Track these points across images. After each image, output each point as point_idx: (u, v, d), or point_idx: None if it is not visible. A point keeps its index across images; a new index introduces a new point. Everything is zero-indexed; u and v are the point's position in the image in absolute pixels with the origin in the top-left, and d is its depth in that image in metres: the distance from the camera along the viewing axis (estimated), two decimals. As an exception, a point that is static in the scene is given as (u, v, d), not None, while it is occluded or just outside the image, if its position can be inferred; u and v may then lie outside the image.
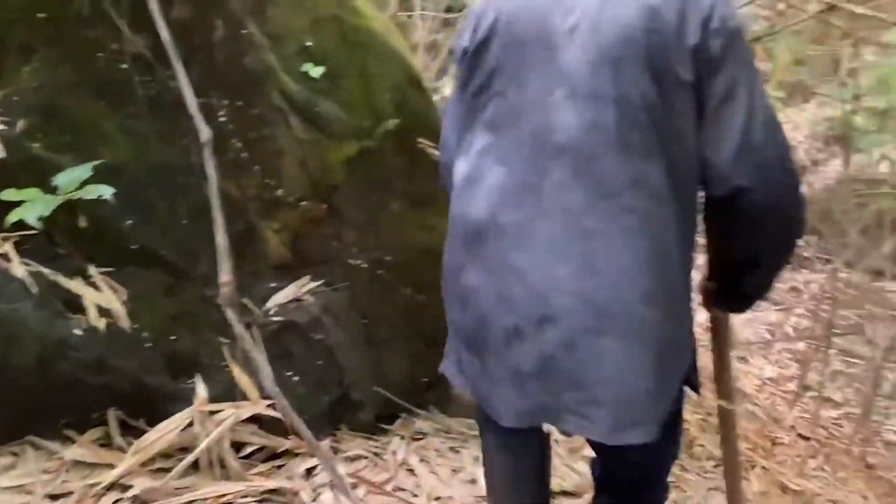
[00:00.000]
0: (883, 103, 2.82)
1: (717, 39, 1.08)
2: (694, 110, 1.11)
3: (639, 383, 1.14)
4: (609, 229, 1.12)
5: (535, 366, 1.18)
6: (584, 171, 1.12)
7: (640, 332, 1.13)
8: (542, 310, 1.16)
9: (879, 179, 4.14)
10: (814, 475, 2.99)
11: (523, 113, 1.18)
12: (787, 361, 5.00)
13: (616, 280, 1.12)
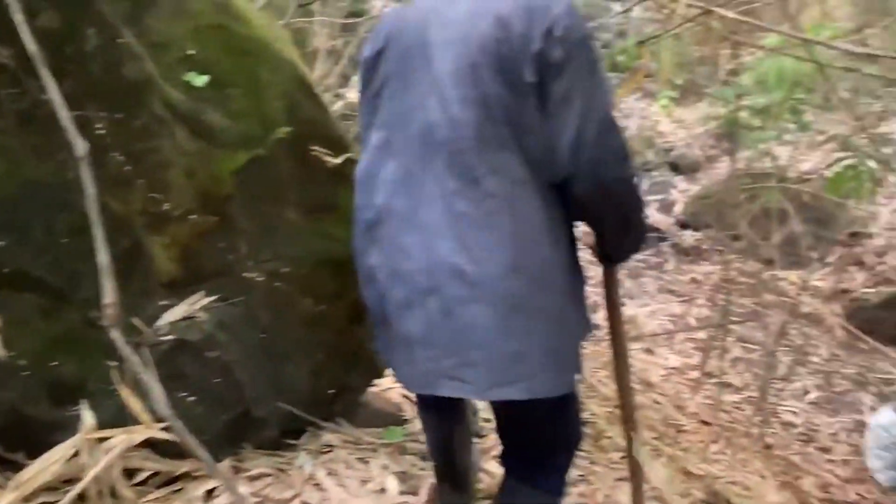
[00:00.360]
0: (763, 101, 2.96)
1: (558, 48, 1.25)
2: (539, 110, 1.29)
3: (507, 346, 1.31)
4: (476, 211, 1.31)
5: (421, 332, 1.37)
6: (455, 162, 1.32)
7: (505, 300, 1.30)
8: (426, 282, 1.35)
9: (766, 173, 4.38)
10: (715, 459, 3.12)
11: (409, 113, 1.39)
12: (690, 351, 5.20)
13: (482, 255, 1.30)
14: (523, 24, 1.26)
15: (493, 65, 1.29)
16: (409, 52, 1.39)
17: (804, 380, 4.98)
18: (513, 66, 1.27)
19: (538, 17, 1.26)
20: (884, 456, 4.10)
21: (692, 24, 2.27)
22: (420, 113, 1.37)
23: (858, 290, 5.54)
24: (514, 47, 1.27)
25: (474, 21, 1.31)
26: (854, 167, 2.68)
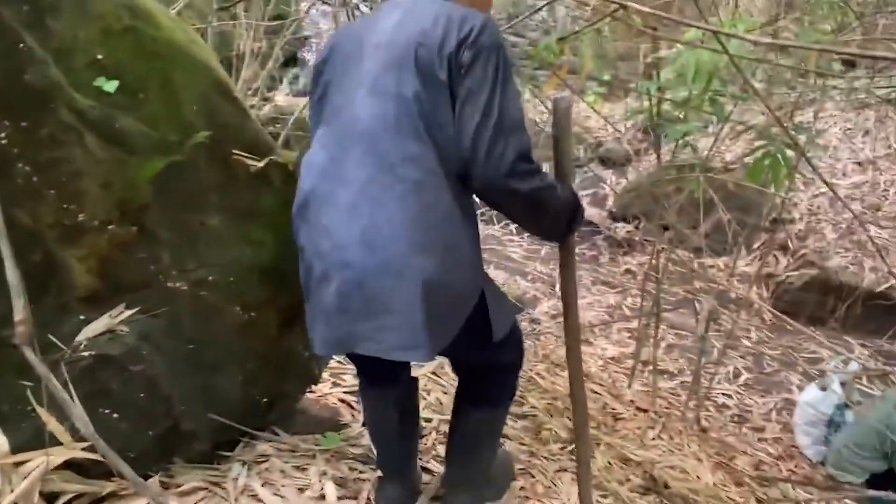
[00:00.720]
0: (683, 94, 3.04)
1: (469, 51, 1.44)
2: (450, 106, 1.46)
3: (412, 315, 1.46)
4: (388, 195, 1.47)
5: (336, 302, 1.53)
6: (372, 150, 1.49)
7: (412, 275, 1.45)
8: (342, 257, 1.51)
9: (691, 164, 4.50)
10: (653, 444, 3.19)
11: (341, 109, 1.57)
12: (626, 340, 5.32)
13: (392, 234, 1.46)
14: (442, 31, 1.46)
15: (413, 65, 1.47)
16: (347, 58, 1.60)
17: (735, 363, 5.16)
18: (430, 66, 1.45)
19: (455, 26, 1.46)
20: (811, 432, 4.27)
21: (610, 20, 2.31)
22: (348, 107, 1.55)
23: (782, 273, 5.76)
24: (431, 50, 1.45)
25: (401, 29, 1.52)
26: (771, 155, 2.77)
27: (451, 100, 1.46)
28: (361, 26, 1.65)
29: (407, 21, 1.52)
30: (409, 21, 1.52)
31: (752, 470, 3.45)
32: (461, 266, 1.52)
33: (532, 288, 6.07)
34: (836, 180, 6.03)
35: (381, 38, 1.54)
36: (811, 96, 3.58)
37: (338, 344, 1.59)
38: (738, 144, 6.15)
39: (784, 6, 3.64)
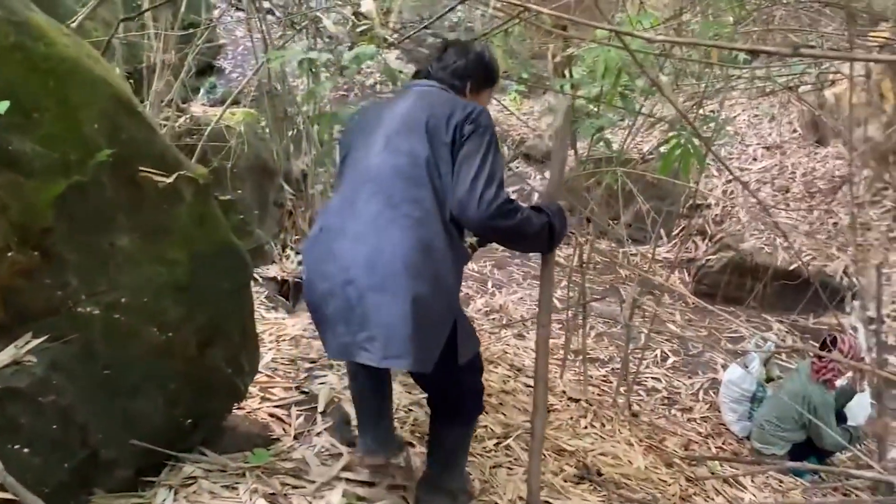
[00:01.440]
0: (596, 90, 3.11)
1: (469, 126, 1.86)
2: (451, 163, 1.85)
3: (400, 328, 1.73)
4: (392, 227, 1.78)
5: (339, 315, 1.82)
6: (381, 191, 1.83)
7: (404, 294, 1.73)
8: (346, 276, 1.79)
9: (608, 157, 4.62)
10: (586, 433, 3.26)
11: (358, 163, 1.94)
12: (558, 332, 5.41)
13: (392, 258, 1.75)
14: (450, 109, 1.90)
15: (424, 131, 1.87)
16: (367, 127, 2.00)
17: (662, 346, 5.33)
18: (437, 132, 1.86)
19: (460, 107, 1.91)
20: (737, 409, 4.45)
21: (518, 22, 2.35)
22: (364, 161, 1.92)
23: (702, 257, 5.98)
24: (440, 121, 1.87)
25: (416, 106, 1.96)
26: (680, 146, 2.87)
27: (451, 159, 1.85)
28: (382, 106, 2.07)
29: (421, 102, 1.97)
30: (422, 102, 1.97)
31: (682, 450, 3.56)
32: (445, 293, 1.82)
33: (464, 286, 6.12)
34: (747, 165, 6.30)
35: (397, 112, 1.97)
36: (718, 86, 3.71)
37: (341, 352, 1.87)
38: (654, 135, 6.34)
39: (688, 1, 3.77)
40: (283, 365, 3.11)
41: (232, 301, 2.09)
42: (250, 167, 4.90)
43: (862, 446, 4.26)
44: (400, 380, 3.01)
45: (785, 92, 4.87)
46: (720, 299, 5.91)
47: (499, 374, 3.59)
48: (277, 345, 3.42)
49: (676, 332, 5.46)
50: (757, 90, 6.19)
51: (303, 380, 2.97)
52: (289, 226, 5.17)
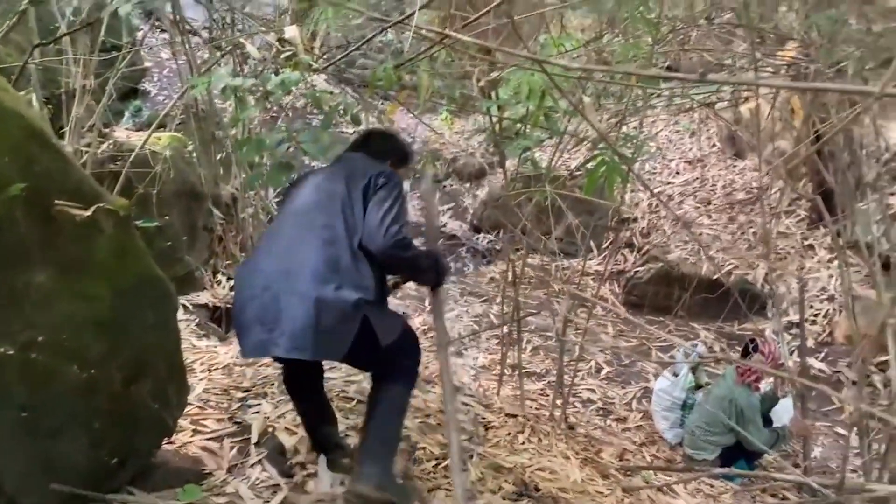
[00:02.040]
0: (521, 111, 3.17)
1: (382, 178, 2.32)
2: (362, 203, 2.27)
3: (305, 325, 2.04)
4: (307, 246, 2.17)
5: (257, 315, 2.12)
6: (304, 219, 2.27)
7: (310, 297, 2.06)
8: (265, 283, 2.14)
9: (536, 175, 4.71)
10: (523, 449, 3.29)
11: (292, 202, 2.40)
12: (495, 347, 5.46)
13: (302, 268, 2.12)
14: (371, 166, 2.41)
15: (342, 176, 2.34)
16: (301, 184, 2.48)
17: (596, 357, 5.44)
18: (356, 180, 2.32)
19: (378, 166, 2.42)
20: (668, 416, 4.58)
21: (442, 47, 2.39)
22: (296, 200, 2.38)
23: (631, 269, 6.15)
24: (359, 172, 2.35)
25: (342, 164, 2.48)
26: (604, 164, 2.95)
27: (363, 201, 2.27)
28: (313, 171, 2.59)
29: (348, 164, 2.47)
30: (348, 162, 2.50)
31: (617, 461, 3.64)
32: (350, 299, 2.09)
33: (402, 306, 6.11)
34: (671, 179, 6.52)
35: (327, 170, 2.47)
36: (638, 105, 3.84)
37: (256, 349, 2.15)
38: (582, 152, 6.51)
39: (607, 23, 3.89)
40: (215, 395, 3.05)
41: (157, 334, 2.04)
42: (178, 192, 4.80)
43: (788, 446, 4.44)
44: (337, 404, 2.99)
45: (702, 109, 5.09)
46: (649, 309, 6.08)
47: (437, 394, 3.59)
48: (209, 374, 3.35)
49: (609, 343, 5.59)
50: (677, 107, 6.43)
51: (236, 410, 2.92)
52: (219, 251, 5.08)
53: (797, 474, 1.62)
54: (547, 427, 3.72)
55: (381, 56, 7.41)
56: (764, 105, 5.14)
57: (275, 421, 2.81)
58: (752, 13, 3.73)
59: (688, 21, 4.15)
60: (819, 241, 5.69)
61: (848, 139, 3.87)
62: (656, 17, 3.57)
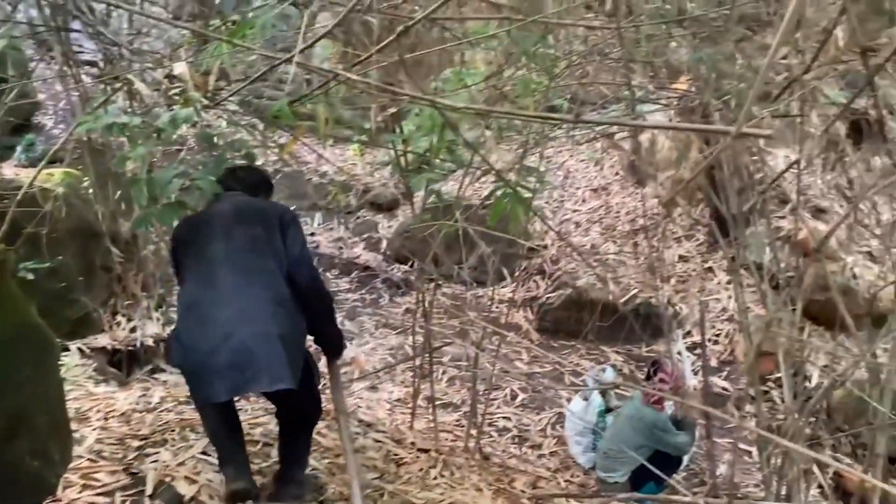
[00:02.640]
0: (424, 144, 3.20)
1: (287, 216, 2.64)
2: (281, 241, 2.53)
3: (278, 360, 2.32)
4: (252, 289, 2.41)
5: (228, 362, 2.29)
6: (236, 265, 2.44)
7: (275, 335, 2.34)
8: (225, 332, 2.32)
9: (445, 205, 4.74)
10: (435, 484, 3.27)
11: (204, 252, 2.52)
12: (410, 379, 5.41)
13: (256, 313, 2.37)
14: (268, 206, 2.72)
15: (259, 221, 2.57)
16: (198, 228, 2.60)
17: (511, 385, 5.48)
18: (268, 220, 2.57)
19: (278, 208, 2.76)
20: (581, 441, 4.65)
21: (337, 84, 2.39)
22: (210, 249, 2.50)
23: (543, 295, 6.26)
24: (269, 214, 2.61)
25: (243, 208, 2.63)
26: (507, 194, 3.01)
27: (281, 238, 2.52)
28: (205, 213, 2.68)
29: (244, 205, 2.65)
30: (246, 204, 2.66)
31: (530, 489, 3.66)
32: (299, 331, 2.50)
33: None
34: (578, 207, 6.71)
35: (224, 211, 2.60)
36: (536, 138, 3.94)
37: (233, 391, 2.37)
38: (491, 183, 6.61)
39: (507, 59, 4.00)
40: (109, 445, 2.90)
41: (37, 386, 1.92)
42: (73, 230, 4.58)
43: (696, 465, 4.58)
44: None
45: (602, 139, 5.28)
46: (563, 334, 6.20)
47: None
48: (105, 422, 3.19)
49: (524, 369, 5.65)
50: (582, 136, 6.64)
51: (132, 460, 2.78)
52: (119, 290, 4.86)
53: (689, 496, 1.67)
54: (461, 459, 3.71)
55: (291, 88, 7.35)
56: (661, 136, 5.38)
57: (174, 469, 2.69)
58: (642, 48, 3.90)
59: (584, 56, 4.30)
60: (718, 263, 5.97)
61: (737, 167, 4.08)
62: (553, 53, 3.70)
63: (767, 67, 1.14)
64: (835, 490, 4.40)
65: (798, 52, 3.15)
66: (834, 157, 4.21)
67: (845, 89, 3.87)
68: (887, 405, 3.19)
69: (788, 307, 4.25)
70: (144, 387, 3.89)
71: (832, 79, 4.12)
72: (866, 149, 3.77)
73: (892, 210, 3.52)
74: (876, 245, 5.33)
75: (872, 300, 4.41)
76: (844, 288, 5.15)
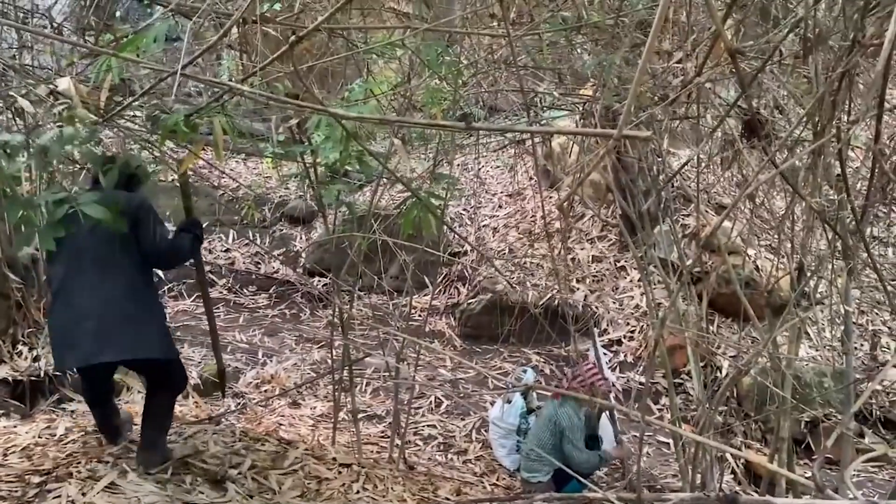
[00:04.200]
0: (334, 155, 3.17)
1: (142, 212, 2.92)
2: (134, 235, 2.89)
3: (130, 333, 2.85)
4: (109, 278, 2.87)
5: (85, 337, 2.79)
6: (95, 259, 2.86)
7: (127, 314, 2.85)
8: (85, 313, 2.81)
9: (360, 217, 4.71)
10: (358, 498, 3.23)
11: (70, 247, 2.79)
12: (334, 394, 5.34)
13: (111, 298, 2.84)
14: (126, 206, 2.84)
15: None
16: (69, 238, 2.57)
17: (435, 392, 5.49)
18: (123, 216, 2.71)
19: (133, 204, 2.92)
20: (505, 444, 4.69)
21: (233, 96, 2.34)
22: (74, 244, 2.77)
23: (464, 301, 6.30)
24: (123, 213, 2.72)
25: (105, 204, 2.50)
26: (417, 204, 3.02)
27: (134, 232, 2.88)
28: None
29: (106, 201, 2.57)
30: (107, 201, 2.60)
31: (454, 496, 3.66)
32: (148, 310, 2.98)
33: (233, 360, 5.83)
34: (495, 212, 6.80)
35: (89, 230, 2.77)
36: (446, 146, 3.97)
37: (86, 359, 2.86)
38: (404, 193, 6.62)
39: (413, 68, 4.02)
40: (7, 483, 2.75)
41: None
42: (-36, 257, 4.32)
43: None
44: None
45: (514, 146, 5.36)
46: (485, 339, 6.25)
47: (266, 452, 3.45)
48: (4, 458, 3.03)
49: (447, 376, 5.67)
50: (497, 143, 6.74)
51: (32, 497, 2.64)
52: (19, 318, 4.60)
53: (600, 492, 1.71)
54: (384, 471, 3.68)
55: (200, 101, 7.17)
56: (571, 141, 5.50)
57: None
58: (546, 56, 3.99)
59: (489, 64, 4.36)
60: (630, 262, 6.15)
61: (642, 169, 4.22)
62: (459, 62, 3.73)
63: (642, 71, 1.18)
64: (746, 474, 4.60)
65: (691, 56, 3.29)
66: (731, 156, 4.41)
67: (738, 91, 4.07)
68: (788, 390, 3.36)
69: (695, 301, 4.43)
70: (49, 419, 3.71)
71: (728, 81, 4.32)
72: (759, 146, 3.97)
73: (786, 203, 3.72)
74: (775, 238, 5.61)
75: (772, 291, 4.64)
76: (748, 280, 5.41)
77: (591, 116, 3.80)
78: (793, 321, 3.00)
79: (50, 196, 2.05)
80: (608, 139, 4.46)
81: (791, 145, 2.84)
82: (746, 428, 5.00)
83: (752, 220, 4.88)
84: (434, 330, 6.45)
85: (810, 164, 2.74)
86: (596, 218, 6.10)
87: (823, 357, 5.15)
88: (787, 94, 3.78)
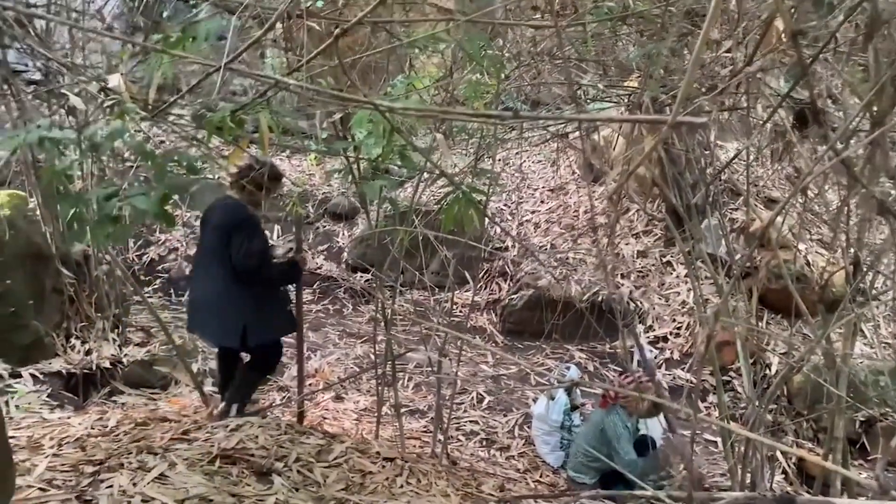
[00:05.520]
0: (377, 151, 3.16)
1: (231, 227, 3.62)
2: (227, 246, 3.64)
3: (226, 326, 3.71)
4: (217, 275, 3.68)
5: (200, 322, 3.87)
6: (208, 261, 3.74)
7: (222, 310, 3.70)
8: (195, 297, 3.92)
9: (402, 212, 4.71)
10: (402, 492, 3.23)
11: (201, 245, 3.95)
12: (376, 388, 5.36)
13: (217, 291, 3.70)
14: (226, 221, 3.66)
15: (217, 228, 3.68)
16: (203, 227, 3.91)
17: (477, 388, 5.47)
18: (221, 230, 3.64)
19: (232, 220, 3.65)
20: (549, 440, 4.65)
21: (277, 91, 2.35)
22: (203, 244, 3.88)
23: (506, 297, 6.26)
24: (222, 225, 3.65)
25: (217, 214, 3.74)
26: (459, 199, 2.99)
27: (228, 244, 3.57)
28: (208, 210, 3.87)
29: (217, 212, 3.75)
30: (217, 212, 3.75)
31: (498, 492, 3.64)
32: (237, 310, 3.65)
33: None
34: (536, 207, 6.73)
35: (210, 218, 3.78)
36: (488, 141, 3.93)
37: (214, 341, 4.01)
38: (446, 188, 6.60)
39: (456, 62, 3.99)
40: (62, 473, 2.81)
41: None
42: (21, 254, 4.45)
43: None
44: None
45: (557, 139, 5.30)
46: (528, 335, 6.21)
47: (311, 445, 3.47)
48: (59, 449, 3.10)
49: (489, 372, 5.64)
50: (539, 137, 6.67)
51: (86, 486, 2.70)
52: (72, 313, 4.73)
53: (650, 491, 1.67)
54: (427, 466, 3.67)
55: (245, 99, 7.26)
56: (615, 133, 5.42)
57: (132, 495, 2.62)
58: (591, 47, 3.93)
59: (533, 57, 4.31)
60: (676, 257, 6.03)
61: (689, 161, 4.13)
62: (501, 55, 3.70)
63: (696, 61, 1.14)
64: (798, 474, 4.47)
65: (741, 45, 3.20)
66: (781, 147, 4.28)
67: (790, 81, 3.94)
68: (843, 388, 3.25)
69: (745, 297, 4.32)
70: (101, 410, 3.80)
71: (778, 71, 4.19)
72: (811, 137, 3.84)
73: (840, 197, 3.60)
74: (827, 232, 5.44)
75: (825, 286, 4.49)
76: (799, 275, 5.25)
77: (636, 108, 3.72)
78: (848, 317, 2.90)
79: (100, 192, 2.08)
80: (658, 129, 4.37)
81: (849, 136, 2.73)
82: (798, 427, 4.86)
83: (804, 214, 4.73)
84: (475, 326, 6.43)
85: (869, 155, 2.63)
86: (641, 212, 5.99)
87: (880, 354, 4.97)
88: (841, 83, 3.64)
